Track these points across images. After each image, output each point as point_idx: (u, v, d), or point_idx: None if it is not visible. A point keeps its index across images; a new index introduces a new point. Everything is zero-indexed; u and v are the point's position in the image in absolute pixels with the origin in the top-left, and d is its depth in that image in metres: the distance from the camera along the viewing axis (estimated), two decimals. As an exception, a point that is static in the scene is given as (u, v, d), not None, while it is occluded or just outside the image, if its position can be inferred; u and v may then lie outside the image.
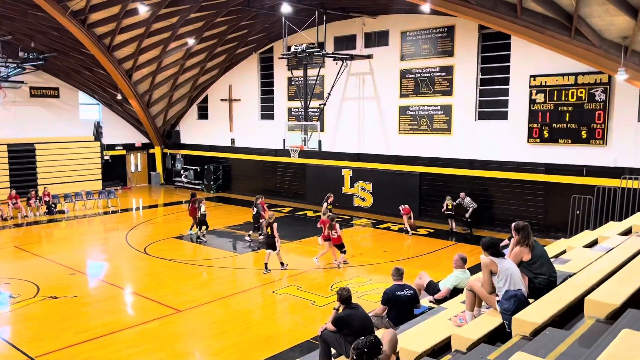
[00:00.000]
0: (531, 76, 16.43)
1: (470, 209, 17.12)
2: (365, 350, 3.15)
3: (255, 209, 16.64)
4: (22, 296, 11.53)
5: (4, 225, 19.35)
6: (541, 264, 5.72)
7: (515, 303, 4.85)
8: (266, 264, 13.31)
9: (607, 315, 3.99)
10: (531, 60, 16.36)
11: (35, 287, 12.06)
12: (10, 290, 12.00)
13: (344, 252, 13.70)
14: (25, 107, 25.35)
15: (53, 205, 21.50)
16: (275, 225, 13.26)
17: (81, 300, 11.56)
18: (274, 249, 13.32)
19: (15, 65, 23.00)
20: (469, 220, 17.22)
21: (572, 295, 4.69)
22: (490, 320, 5.12)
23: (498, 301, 5.21)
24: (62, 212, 21.64)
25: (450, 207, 17.44)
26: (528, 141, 16.75)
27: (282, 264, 13.51)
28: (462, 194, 17.31)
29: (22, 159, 24.51)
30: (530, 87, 16.48)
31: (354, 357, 3.18)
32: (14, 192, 21.17)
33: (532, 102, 16.51)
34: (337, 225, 13.54)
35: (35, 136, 25.25)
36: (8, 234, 18.34)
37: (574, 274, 5.90)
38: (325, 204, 16.88)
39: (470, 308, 5.71)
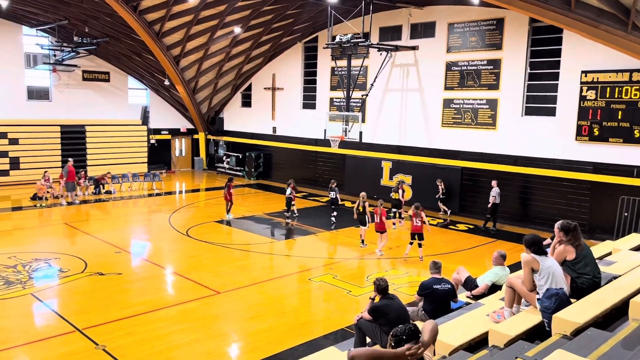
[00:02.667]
0: (583, 72, 15.90)
1: (491, 202, 16.77)
2: (404, 337, 3.18)
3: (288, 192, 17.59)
4: (71, 271, 12.06)
5: (55, 203, 20.19)
6: (585, 264, 5.59)
7: (557, 302, 4.77)
8: (363, 240, 14.74)
9: (652, 319, 3.90)
10: (583, 55, 15.82)
11: (84, 263, 12.59)
12: (61, 264, 12.57)
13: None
14: (78, 90, 26.30)
15: (102, 186, 22.29)
16: (367, 203, 14.67)
17: (125, 277, 12.01)
18: (365, 224, 14.62)
19: (70, 49, 23.87)
20: (487, 216, 17.01)
21: (617, 297, 4.59)
22: (530, 317, 5.06)
23: (538, 299, 5.14)
24: (109, 192, 22.40)
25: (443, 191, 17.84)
26: (576, 139, 16.25)
27: (362, 241, 14.79)
28: (493, 182, 16.98)
29: (74, 140, 25.50)
30: (581, 83, 15.95)
31: (392, 344, 3.22)
32: (82, 172, 22.16)
33: (582, 98, 15.98)
34: (423, 214, 13.63)
35: (86, 118, 26.19)
36: (59, 211, 19.15)
37: (619, 276, 5.74)
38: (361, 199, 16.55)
39: (509, 305, 5.65)
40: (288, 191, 17.80)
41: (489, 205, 16.93)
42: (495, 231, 16.85)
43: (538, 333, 4.79)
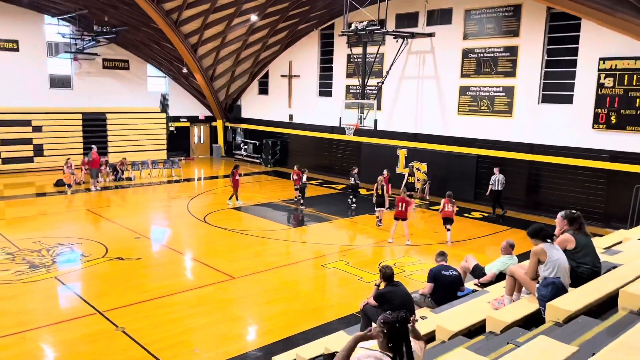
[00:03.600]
0: (600, 59, 15.72)
1: (490, 188, 17.06)
2: (397, 324, 3.33)
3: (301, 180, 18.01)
4: (92, 255, 12.50)
5: (77, 189, 20.74)
6: (585, 254, 5.70)
7: (553, 290, 4.91)
8: (380, 219, 15.84)
9: (640, 308, 4.03)
10: (601, 42, 15.62)
11: (104, 248, 13.03)
12: (83, 249, 13.03)
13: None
14: (98, 78, 26.78)
15: (121, 172, 22.79)
16: (384, 186, 15.89)
17: (144, 262, 12.41)
18: (383, 206, 15.72)
19: (90, 38, 24.29)
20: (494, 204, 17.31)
21: (612, 286, 4.71)
22: (528, 305, 5.22)
23: (537, 287, 5.28)
24: (129, 179, 22.90)
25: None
26: (593, 127, 16.12)
27: (380, 220, 15.83)
28: (495, 169, 17.13)
29: (95, 127, 26.05)
30: (599, 70, 15.78)
31: (384, 331, 3.36)
32: (104, 159, 22.73)
33: (600, 86, 15.82)
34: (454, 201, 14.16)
35: (106, 106, 26.71)
36: (81, 197, 19.69)
37: (620, 265, 5.85)
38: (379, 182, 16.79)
39: (509, 292, 5.81)
40: (304, 178, 18.08)
41: (487, 194, 17.20)
42: (494, 217, 17.12)
43: (535, 320, 4.94)
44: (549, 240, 5.46)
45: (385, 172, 17.14)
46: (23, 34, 24.38)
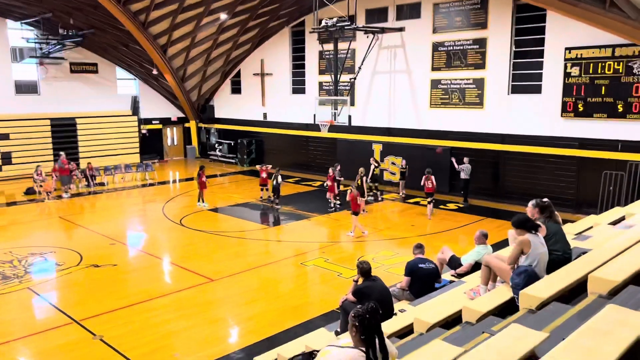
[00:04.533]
0: (566, 48, 16.05)
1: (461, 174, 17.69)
2: (367, 316, 3.36)
3: (275, 181, 17.72)
4: (67, 264, 12.28)
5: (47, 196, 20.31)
6: (555, 241, 5.83)
7: (525, 278, 5.01)
8: (364, 209, 16.53)
9: (609, 292, 4.14)
10: (567, 32, 15.95)
11: (79, 256, 12.81)
12: (56, 258, 12.78)
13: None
14: (66, 83, 26.27)
15: (92, 178, 22.38)
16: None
17: (121, 268, 12.25)
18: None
19: (56, 42, 23.79)
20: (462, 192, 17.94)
21: (582, 271, 4.83)
22: (502, 294, 5.32)
23: (510, 277, 5.38)
24: (101, 184, 22.53)
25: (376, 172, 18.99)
26: (562, 115, 16.47)
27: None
28: (465, 159, 17.63)
29: (64, 133, 25.55)
30: (565, 60, 16.11)
31: (356, 324, 3.38)
32: (74, 164, 22.23)
33: (566, 75, 16.16)
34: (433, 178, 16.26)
35: (76, 110, 26.20)
36: (53, 204, 19.30)
37: (590, 250, 6.00)
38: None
39: (484, 282, 5.90)
40: (279, 179, 17.96)
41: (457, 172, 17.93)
42: (465, 205, 17.68)
43: (510, 309, 5.04)
44: (534, 232, 5.52)
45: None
46: (-15, 40, 23.77)
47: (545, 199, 6.42)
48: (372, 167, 19.34)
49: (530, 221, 5.63)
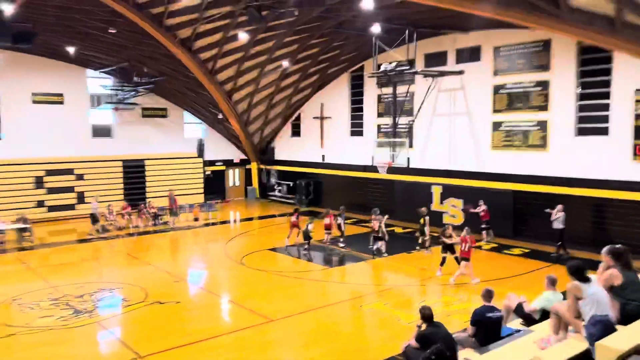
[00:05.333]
0: (637, 90, 15.51)
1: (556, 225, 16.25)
2: (433, 357, 3.33)
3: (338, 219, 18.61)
4: (133, 300, 12.72)
5: (118, 234, 21.28)
6: (633, 290, 5.54)
7: (601, 329, 4.78)
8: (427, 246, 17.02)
9: (696, 346, 3.88)
10: (636, 73, 15.44)
11: (144, 292, 13.25)
12: (123, 294, 13.28)
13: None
14: (138, 127, 27.82)
15: (159, 217, 23.28)
16: (427, 217, 17.20)
17: (184, 306, 12.55)
18: (424, 234, 17.00)
19: (130, 88, 25.40)
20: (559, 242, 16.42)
21: (664, 323, 4.55)
22: (575, 345, 5.07)
23: (584, 326, 5.14)
24: (166, 223, 23.34)
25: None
26: (633, 158, 15.76)
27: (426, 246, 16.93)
28: (559, 206, 16.27)
29: (134, 174, 26.91)
30: (636, 101, 15.55)
31: None
32: (142, 204, 23.74)
33: (637, 117, 15.55)
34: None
35: (145, 152, 27.62)
36: (121, 242, 20.18)
37: (672, 302, 5.64)
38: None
39: (554, 331, 5.66)
40: (340, 220, 18.31)
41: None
42: (557, 256, 16.14)
43: (584, 360, 4.80)
44: (586, 282, 5.36)
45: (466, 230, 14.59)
46: (67, 87, 25.70)
47: (619, 246, 6.15)
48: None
49: (580, 271, 5.46)
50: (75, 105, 25.90)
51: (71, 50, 22.30)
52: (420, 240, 17.46)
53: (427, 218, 17.22)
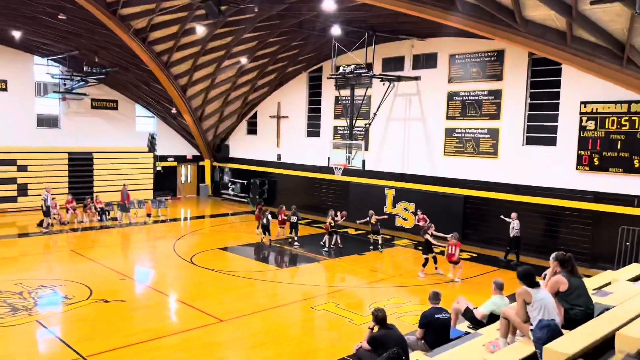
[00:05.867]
0: (582, 103, 16.19)
1: (512, 235, 16.64)
2: None
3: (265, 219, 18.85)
4: (76, 298, 12.19)
5: (61, 229, 20.42)
6: (578, 295, 5.73)
7: (548, 333, 4.90)
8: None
9: (638, 351, 4.02)
10: (582, 87, 16.12)
11: (88, 290, 12.73)
12: (66, 291, 12.72)
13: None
14: (86, 118, 26.83)
15: (107, 212, 22.51)
16: (374, 217, 18.03)
17: (130, 304, 12.14)
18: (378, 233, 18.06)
19: (80, 78, 24.44)
20: (507, 248, 16.88)
21: (607, 328, 4.72)
22: (523, 348, 5.19)
23: (531, 330, 5.27)
24: (114, 219, 22.61)
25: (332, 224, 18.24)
26: (577, 168, 16.44)
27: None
28: (513, 215, 16.63)
29: (81, 167, 25.90)
30: (581, 113, 16.23)
31: None
32: (89, 198, 22.73)
33: (582, 129, 16.23)
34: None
35: (94, 145, 26.64)
36: (65, 237, 19.36)
37: (613, 307, 5.87)
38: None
39: (503, 335, 5.78)
40: (294, 219, 18.35)
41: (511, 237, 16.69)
42: (516, 264, 16.24)
43: (531, 364, 4.91)
44: (535, 288, 5.51)
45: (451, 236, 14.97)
46: (12, 74, 24.49)
47: (565, 253, 6.35)
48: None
49: (529, 277, 5.61)
50: (19, 93, 24.71)
51: (16, 34, 21.25)
52: (372, 240, 18.21)
53: (377, 217, 18.18)
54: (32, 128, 25.31)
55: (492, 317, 8.15)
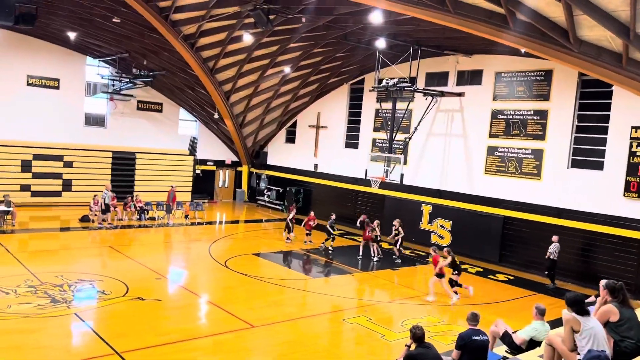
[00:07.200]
0: (633, 127, 15.64)
1: (547, 257, 16.07)
2: None
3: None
4: (113, 294, 12.44)
5: (101, 225, 20.93)
6: (629, 327, 5.47)
7: (597, 364, 4.70)
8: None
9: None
10: (634, 111, 15.58)
11: (125, 287, 12.98)
12: (103, 287, 13.00)
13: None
14: (131, 119, 27.55)
15: (145, 212, 22.96)
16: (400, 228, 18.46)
17: (164, 304, 12.32)
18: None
19: (128, 80, 25.15)
20: (545, 272, 16.37)
21: (661, 364, 4.48)
22: (569, 378, 4.98)
23: (578, 360, 5.06)
24: (152, 218, 23.04)
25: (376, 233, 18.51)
26: (624, 195, 15.85)
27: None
28: (554, 238, 16.14)
29: (123, 166, 26.56)
30: (632, 138, 15.68)
31: None
32: (129, 197, 23.42)
33: (632, 154, 15.67)
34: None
35: (137, 145, 27.30)
36: (104, 234, 19.84)
37: (665, 342, 5.58)
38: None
39: (547, 363, 5.57)
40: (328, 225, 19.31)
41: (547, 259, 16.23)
42: (553, 288, 15.94)
43: (577, 395, 4.70)
44: (584, 316, 5.29)
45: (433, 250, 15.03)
46: (64, 73, 25.39)
47: (616, 281, 6.09)
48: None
49: (580, 304, 5.37)
50: (70, 92, 25.58)
51: (72, 35, 22.06)
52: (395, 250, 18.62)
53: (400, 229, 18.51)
54: (80, 126, 26.14)
55: (532, 343, 7.90)
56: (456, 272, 14.02)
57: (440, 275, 13.88)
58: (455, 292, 13.91)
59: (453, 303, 13.61)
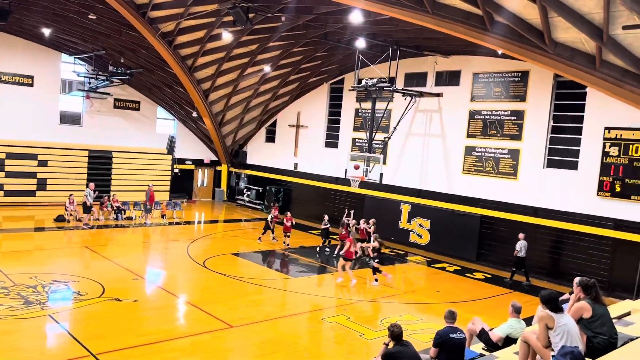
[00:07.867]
0: (606, 128, 15.97)
1: (515, 254, 16.44)
2: None
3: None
4: (89, 295, 12.24)
5: (77, 225, 20.59)
6: (602, 324, 5.58)
7: (571, 360, 4.78)
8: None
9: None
10: (607, 112, 15.92)
11: (101, 288, 12.78)
12: (79, 287, 12.78)
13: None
14: (108, 117, 27.14)
15: (122, 212, 22.66)
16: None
17: (141, 305, 12.16)
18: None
19: (105, 77, 24.77)
20: (512, 269, 16.68)
21: (632, 359, 4.58)
22: (543, 374, 5.06)
23: (553, 356, 5.14)
24: (130, 218, 22.76)
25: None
26: (598, 194, 16.18)
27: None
28: (520, 235, 16.62)
29: (100, 165, 26.16)
30: (604, 139, 16.01)
31: None
32: (106, 197, 23.07)
33: (605, 154, 16.00)
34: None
35: (114, 144, 26.91)
36: (80, 234, 19.51)
37: (637, 337, 5.71)
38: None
39: (523, 360, 5.66)
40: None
41: (514, 257, 16.61)
42: (528, 286, 16.22)
43: (551, 391, 4.78)
44: (558, 313, 5.38)
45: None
46: (39, 70, 24.90)
47: (589, 279, 6.21)
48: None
49: (554, 301, 5.46)
50: (45, 89, 25.09)
51: (46, 32, 21.64)
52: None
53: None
54: (55, 124, 25.67)
55: (508, 341, 8.01)
56: (377, 260, 15.21)
57: (348, 258, 15.04)
58: (376, 279, 15.19)
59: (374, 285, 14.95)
